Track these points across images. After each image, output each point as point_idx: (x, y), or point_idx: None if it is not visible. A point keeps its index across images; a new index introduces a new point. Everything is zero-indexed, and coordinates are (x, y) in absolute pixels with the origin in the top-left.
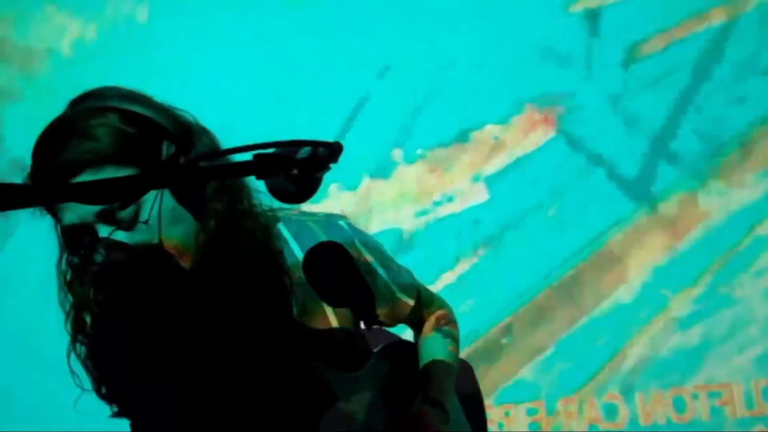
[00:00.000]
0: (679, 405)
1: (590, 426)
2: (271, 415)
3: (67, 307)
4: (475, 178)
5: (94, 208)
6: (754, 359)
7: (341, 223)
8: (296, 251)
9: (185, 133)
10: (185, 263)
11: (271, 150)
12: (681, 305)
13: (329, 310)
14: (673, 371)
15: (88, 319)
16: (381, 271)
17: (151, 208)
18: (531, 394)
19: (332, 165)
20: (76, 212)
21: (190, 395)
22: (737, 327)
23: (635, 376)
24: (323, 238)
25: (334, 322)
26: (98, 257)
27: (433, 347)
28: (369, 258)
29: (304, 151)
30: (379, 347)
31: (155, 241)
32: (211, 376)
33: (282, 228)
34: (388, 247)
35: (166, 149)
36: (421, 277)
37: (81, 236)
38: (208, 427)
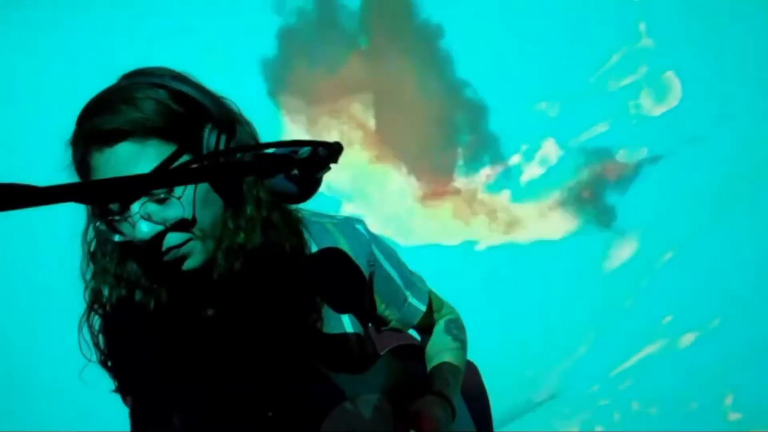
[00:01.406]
0: (672, 406)
1: (583, 426)
2: (277, 414)
3: (88, 276)
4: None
5: None
6: (747, 362)
7: (359, 227)
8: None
9: (229, 120)
10: (207, 247)
11: (271, 150)
12: (677, 312)
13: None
14: (669, 373)
15: (106, 291)
16: (395, 276)
17: (185, 186)
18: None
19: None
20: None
21: (197, 388)
22: (730, 332)
23: (632, 378)
24: (342, 241)
25: (347, 326)
26: (125, 227)
27: (442, 351)
28: (384, 263)
29: (304, 151)
30: (386, 349)
31: (186, 216)
32: (221, 371)
33: (302, 228)
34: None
35: (209, 133)
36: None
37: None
38: (215, 423)
